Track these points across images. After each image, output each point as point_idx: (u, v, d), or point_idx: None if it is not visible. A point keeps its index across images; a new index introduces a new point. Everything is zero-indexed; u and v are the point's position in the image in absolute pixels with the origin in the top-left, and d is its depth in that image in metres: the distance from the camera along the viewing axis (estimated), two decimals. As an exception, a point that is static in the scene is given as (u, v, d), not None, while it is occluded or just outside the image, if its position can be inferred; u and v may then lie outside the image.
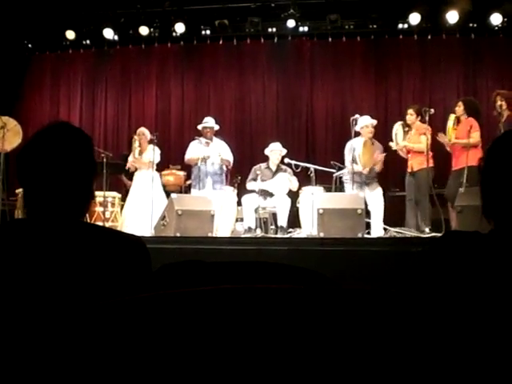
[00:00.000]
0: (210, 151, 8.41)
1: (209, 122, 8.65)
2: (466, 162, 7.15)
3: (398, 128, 7.98)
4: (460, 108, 7.64)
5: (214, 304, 0.96)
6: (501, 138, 1.56)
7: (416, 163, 7.82)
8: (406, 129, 8.00)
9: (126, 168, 8.85)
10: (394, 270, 4.77)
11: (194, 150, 8.52)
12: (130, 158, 8.69)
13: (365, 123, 7.98)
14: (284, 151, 8.53)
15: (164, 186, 8.99)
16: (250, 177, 8.49)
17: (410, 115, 7.93)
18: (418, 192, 7.78)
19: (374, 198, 7.72)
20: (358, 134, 8.01)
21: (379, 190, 7.90)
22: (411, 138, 7.86)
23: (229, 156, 8.63)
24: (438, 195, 7.63)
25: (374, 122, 8.02)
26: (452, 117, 7.59)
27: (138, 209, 8.23)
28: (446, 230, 7.20)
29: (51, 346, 0.97)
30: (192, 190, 8.60)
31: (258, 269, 1.26)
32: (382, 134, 8.56)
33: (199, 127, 8.70)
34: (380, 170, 8.02)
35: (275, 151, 8.50)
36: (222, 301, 0.96)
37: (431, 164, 7.67)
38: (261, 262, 1.28)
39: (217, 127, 8.70)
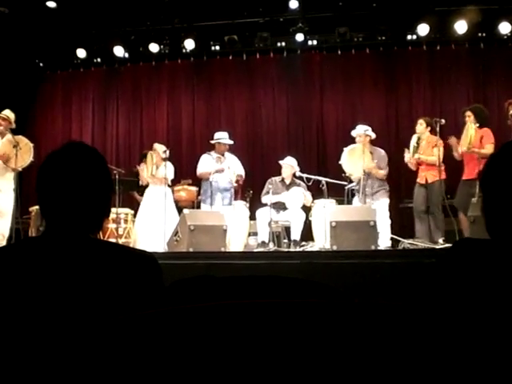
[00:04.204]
0: (223, 166, 8.44)
1: (225, 138, 8.66)
2: (478, 173, 7.16)
3: (415, 140, 7.94)
4: (470, 118, 7.59)
5: (225, 319, 0.96)
6: (499, 153, 1.54)
7: (430, 175, 7.82)
8: (419, 141, 7.98)
9: (141, 184, 8.86)
10: (408, 282, 4.75)
11: (207, 165, 8.52)
12: (145, 174, 8.66)
13: (357, 132, 8.08)
14: (296, 168, 8.51)
15: (176, 202, 9.00)
16: (264, 190, 8.49)
17: (420, 125, 7.93)
18: (431, 203, 7.78)
19: (379, 209, 7.58)
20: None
21: (384, 201, 7.87)
22: (424, 151, 7.83)
23: (241, 171, 8.66)
24: (450, 206, 7.61)
25: (363, 131, 8.04)
26: (473, 126, 7.48)
27: (151, 224, 8.23)
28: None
29: (64, 360, 0.98)
30: (202, 204, 8.61)
31: (270, 283, 1.26)
32: (395, 145, 8.55)
33: (213, 142, 8.71)
34: (382, 177, 7.99)
35: (286, 165, 8.52)
36: (234, 316, 0.96)
37: (443, 176, 7.67)
38: (273, 276, 1.27)
39: (231, 142, 8.72)
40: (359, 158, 7.74)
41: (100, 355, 0.96)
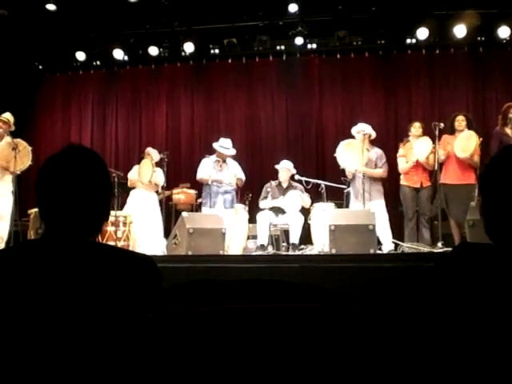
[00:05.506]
0: (223, 175, 8.44)
1: (227, 147, 8.62)
2: (474, 178, 7.25)
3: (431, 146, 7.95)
4: (464, 123, 7.66)
5: (225, 323, 0.95)
6: (498, 156, 1.54)
7: (425, 180, 7.88)
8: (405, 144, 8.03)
9: (128, 186, 8.84)
10: (407, 285, 4.74)
11: (207, 170, 8.51)
12: (144, 179, 8.59)
13: (356, 130, 8.14)
14: (293, 170, 8.52)
15: (175, 205, 8.99)
16: (262, 195, 8.50)
17: (419, 128, 7.98)
18: (425, 208, 7.82)
19: (375, 211, 7.51)
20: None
21: (379, 202, 7.87)
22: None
23: (242, 176, 8.66)
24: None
25: (364, 128, 8.08)
26: (475, 134, 7.52)
27: (149, 228, 8.25)
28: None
29: (63, 363, 0.98)
30: (203, 208, 8.61)
31: (269, 287, 1.26)
32: (394, 149, 8.54)
33: (215, 147, 8.69)
34: (380, 175, 7.99)
35: (282, 169, 8.53)
36: (234, 320, 0.96)
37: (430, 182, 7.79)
38: (271, 280, 1.27)
39: (233, 153, 8.69)
40: (355, 151, 7.75)
41: (99, 359, 0.96)
